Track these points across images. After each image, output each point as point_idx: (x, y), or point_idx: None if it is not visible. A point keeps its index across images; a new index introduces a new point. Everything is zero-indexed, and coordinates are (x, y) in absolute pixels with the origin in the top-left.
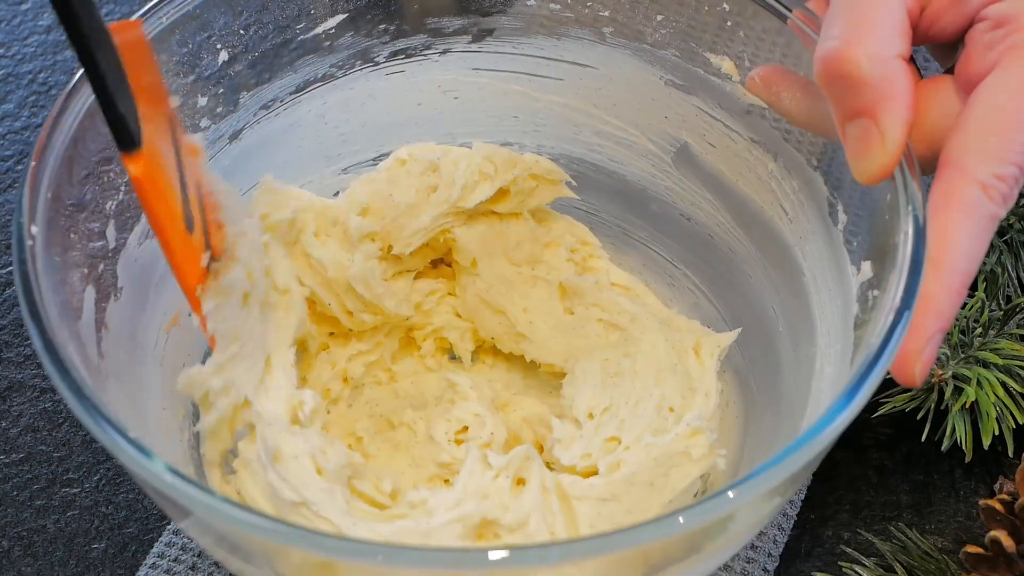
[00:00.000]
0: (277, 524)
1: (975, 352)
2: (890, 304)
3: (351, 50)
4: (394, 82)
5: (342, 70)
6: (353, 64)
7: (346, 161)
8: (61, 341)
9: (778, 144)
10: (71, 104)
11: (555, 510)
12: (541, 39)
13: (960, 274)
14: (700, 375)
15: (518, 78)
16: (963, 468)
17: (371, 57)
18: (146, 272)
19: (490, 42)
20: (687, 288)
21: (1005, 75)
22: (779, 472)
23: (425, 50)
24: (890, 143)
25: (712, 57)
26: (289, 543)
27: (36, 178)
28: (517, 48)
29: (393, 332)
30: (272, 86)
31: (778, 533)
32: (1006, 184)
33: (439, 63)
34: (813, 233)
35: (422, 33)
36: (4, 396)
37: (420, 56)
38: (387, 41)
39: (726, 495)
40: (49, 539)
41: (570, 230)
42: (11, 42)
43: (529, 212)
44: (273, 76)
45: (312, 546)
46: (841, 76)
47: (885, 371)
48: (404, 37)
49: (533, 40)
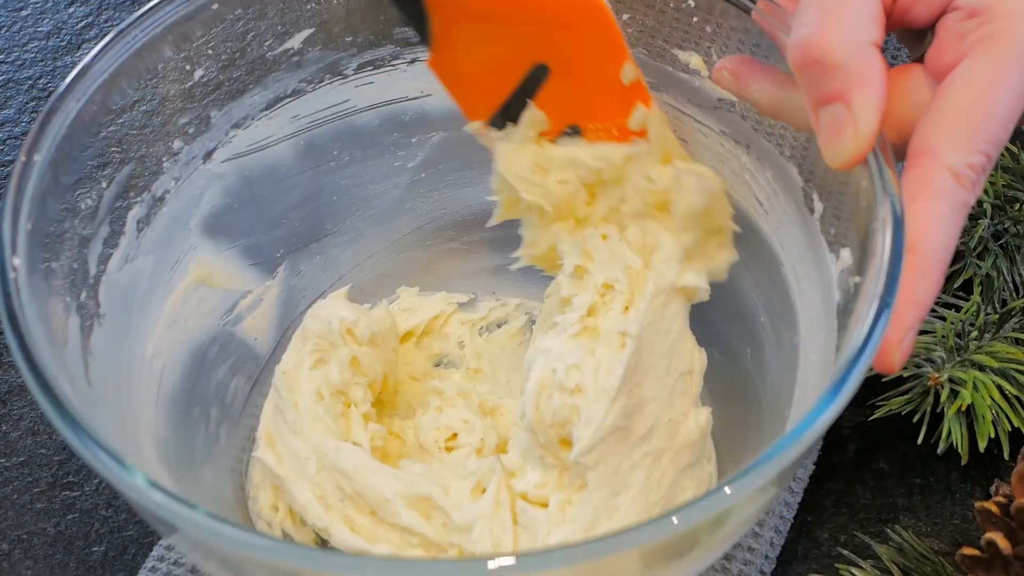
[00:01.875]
0: (261, 539)
1: (971, 355)
2: (873, 292)
3: (319, 64)
4: (365, 93)
5: (311, 84)
6: (322, 78)
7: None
8: (50, 372)
9: (750, 136)
10: (45, 134)
11: (505, 524)
12: None
13: (938, 262)
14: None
15: None
16: (959, 471)
17: (340, 70)
18: (127, 297)
19: None
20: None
21: (976, 65)
22: (775, 465)
23: (394, 60)
24: (863, 127)
25: (680, 53)
26: (278, 559)
27: (15, 209)
28: None
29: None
30: (242, 103)
31: (775, 535)
32: (975, 172)
33: (408, 72)
34: (789, 223)
35: (389, 43)
36: (5, 400)
37: (389, 67)
38: (355, 53)
39: (723, 491)
40: (49, 542)
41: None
42: (11, 48)
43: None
44: (243, 93)
45: (301, 560)
46: (814, 62)
47: (872, 359)
48: (372, 48)
49: None
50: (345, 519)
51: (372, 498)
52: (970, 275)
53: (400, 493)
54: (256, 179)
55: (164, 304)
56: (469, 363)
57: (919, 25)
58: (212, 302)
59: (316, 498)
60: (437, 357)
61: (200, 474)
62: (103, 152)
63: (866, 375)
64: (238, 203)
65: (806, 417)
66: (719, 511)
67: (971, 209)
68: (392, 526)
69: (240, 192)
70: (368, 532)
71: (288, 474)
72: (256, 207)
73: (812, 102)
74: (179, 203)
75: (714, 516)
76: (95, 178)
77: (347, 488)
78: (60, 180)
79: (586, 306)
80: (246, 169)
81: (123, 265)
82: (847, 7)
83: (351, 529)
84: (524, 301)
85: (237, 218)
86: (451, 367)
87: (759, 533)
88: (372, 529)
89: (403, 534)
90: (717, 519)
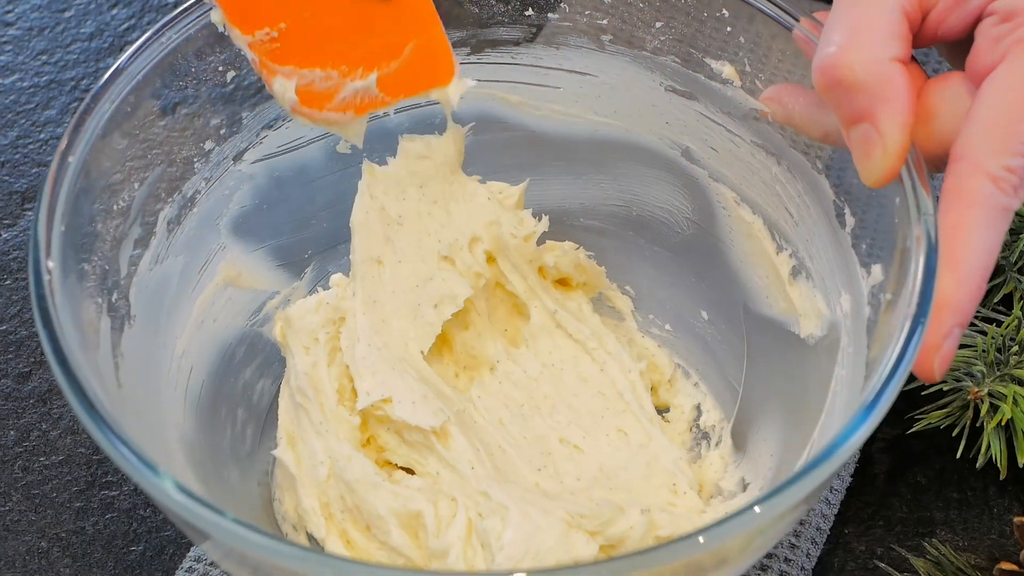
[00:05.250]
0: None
1: (1011, 370)
2: (906, 311)
3: None
4: None
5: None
6: None
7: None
8: (84, 375)
9: (781, 147)
10: (78, 138)
11: (477, 547)
12: (539, 49)
13: (976, 268)
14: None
15: (517, 88)
16: (997, 485)
17: None
18: (157, 298)
19: (489, 53)
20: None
21: (1012, 67)
22: (807, 484)
23: None
24: (890, 145)
25: (712, 62)
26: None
27: (50, 211)
28: (516, 59)
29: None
30: (274, 105)
31: (811, 547)
32: (1016, 175)
33: None
34: (819, 236)
35: None
36: (44, 399)
37: None
38: None
39: (752, 510)
40: (88, 541)
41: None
42: (54, 49)
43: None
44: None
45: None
46: (837, 82)
47: (903, 380)
48: None
49: (531, 50)
50: (342, 533)
51: (368, 514)
52: (1011, 289)
53: (395, 511)
54: (286, 180)
55: (193, 305)
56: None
57: (954, 37)
58: (240, 303)
59: (320, 505)
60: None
61: (226, 475)
62: (136, 153)
63: (903, 389)
64: (267, 204)
65: (838, 436)
66: (748, 530)
67: (1013, 224)
68: (382, 544)
69: (270, 193)
70: (361, 549)
71: (301, 476)
72: (285, 208)
73: (842, 123)
74: (209, 204)
75: (743, 534)
76: (127, 179)
77: (348, 500)
78: (93, 182)
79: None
80: (276, 170)
81: (153, 266)
82: (868, 26)
83: (346, 544)
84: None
85: (266, 219)
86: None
87: (796, 544)
88: (365, 546)
89: (391, 554)
90: (746, 538)
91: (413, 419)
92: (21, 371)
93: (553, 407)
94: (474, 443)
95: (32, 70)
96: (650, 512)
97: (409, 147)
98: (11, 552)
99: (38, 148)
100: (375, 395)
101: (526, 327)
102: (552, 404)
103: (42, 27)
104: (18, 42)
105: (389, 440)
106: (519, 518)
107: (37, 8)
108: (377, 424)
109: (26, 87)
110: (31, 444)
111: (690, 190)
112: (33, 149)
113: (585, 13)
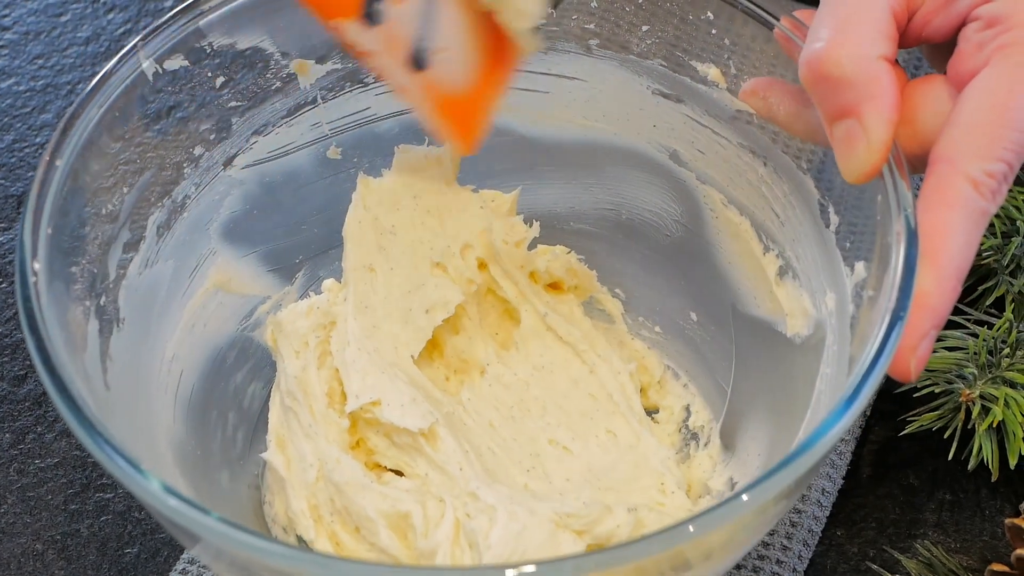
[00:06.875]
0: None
1: (1002, 372)
2: (885, 306)
3: (340, 72)
4: (385, 101)
5: (332, 92)
6: (343, 86)
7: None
8: (68, 375)
9: (767, 148)
10: (65, 142)
11: (464, 547)
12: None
13: (954, 270)
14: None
15: (506, 93)
16: (989, 487)
17: (360, 78)
18: (147, 302)
19: None
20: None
21: (995, 73)
22: (789, 473)
23: None
24: (875, 141)
25: (698, 65)
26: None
27: (36, 214)
28: None
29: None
30: (263, 110)
31: (803, 548)
32: (995, 180)
33: None
34: (805, 235)
35: None
36: (40, 402)
37: None
38: None
39: (740, 499)
40: (83, 543)
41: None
42: (50, 53)
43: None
44: (264, 100)
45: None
46: (823, 77)
47: (884, 373)
48: None
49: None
50: (331, 535)
51: (357, 515)
52: (1002, 292)
53: (383, 512)
54: (276, 185)
55: (183, 309)
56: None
57: (939, 39)
58: (231, 307)
59: (309, 507)
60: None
61: (217, 479)
62: (125, 158)
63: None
64: (258, 209)
65: (819, 427)
66: (733, 520)
67: (1004, 227)
68: (371, 545)
69: (260, 198)
70: (350, 550)
71: (291, 479)
72: (276, 213)
73: (826, 118)
74: (199, 209)
75: (728, 525)
76: (117, 183)
77: (337, 502)
78: (81, 185)
79: None
80: (266, 175)
81: (143, 270)
82: (856, 23)
83: (335, 546)
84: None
85: (256, 224)
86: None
87: (788, 546)
88: (354, 547)
89: (380, 555)
90: (730, 529)
91: (402, 421)
92: (17, 374)
93: (543, 409)
94: (463, 445)
95: (28, 74)
96: (637, 511)
97: (405, 159)
98: (6, 554)
99: (34, 152)
100: (364, 397)
101: (517, 331)
102: (542, 406)
103: (38, 31)
104: (14, 46)
105: (378, 442)
106: (506, 518)
107: (33, 12)
108: (366, 427)
109: (22, 91)
110: (26, 447)
111: (678, 192)
112: (29, 153)
113: (573, 18)
